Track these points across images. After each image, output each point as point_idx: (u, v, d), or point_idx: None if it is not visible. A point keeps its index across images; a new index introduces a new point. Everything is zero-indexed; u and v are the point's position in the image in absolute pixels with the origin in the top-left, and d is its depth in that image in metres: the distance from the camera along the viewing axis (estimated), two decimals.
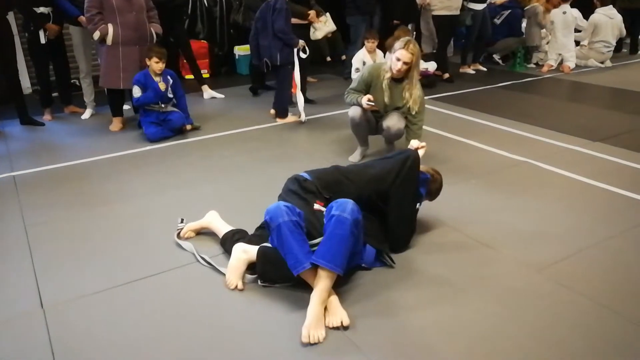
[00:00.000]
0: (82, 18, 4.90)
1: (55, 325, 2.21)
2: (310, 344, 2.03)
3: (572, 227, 2.96)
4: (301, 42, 5.02)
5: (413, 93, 3.72)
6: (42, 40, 4.99)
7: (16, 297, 2.42)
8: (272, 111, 5.31)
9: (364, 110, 3.79)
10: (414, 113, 3.75)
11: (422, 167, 2.80)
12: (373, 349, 2.03)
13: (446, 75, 6.76)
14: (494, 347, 2.03)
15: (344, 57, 7.41)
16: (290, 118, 5.20)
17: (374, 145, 4.06)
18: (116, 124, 5.06)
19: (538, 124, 4.82)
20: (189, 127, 4.85)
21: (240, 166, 4.00)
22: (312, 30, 5.84)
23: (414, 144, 2.90)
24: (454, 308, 2.27)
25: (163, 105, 4.68)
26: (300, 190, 2.62)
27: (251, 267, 2.46)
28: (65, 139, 4.79)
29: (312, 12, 5.52)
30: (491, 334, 2.10)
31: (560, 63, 7.46)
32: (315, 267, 2.18)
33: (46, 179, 3.86)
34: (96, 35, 4.63)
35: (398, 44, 3.59)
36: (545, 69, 7.38)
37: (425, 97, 3.98)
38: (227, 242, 2.68)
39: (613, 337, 2.09)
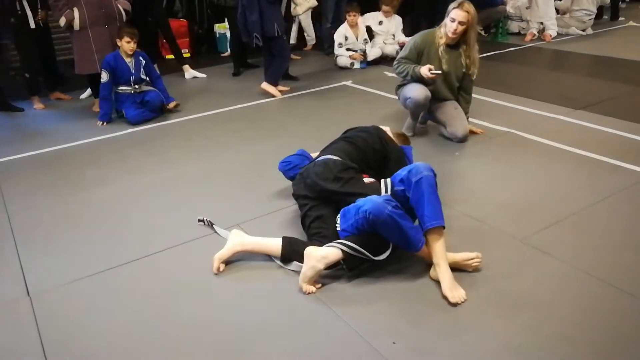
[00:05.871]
0: None
1: (42, 313, 2.20)
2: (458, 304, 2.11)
3: (555, 195, 2.99)
4: None
5: (472, 55, 3.57)
6: (32, 25, 4.85)
7: (1, 285, 2.41)
8: (264, 84, 5.15)
9: (426, 85, 3.56)
10: (474, 78, 3.70)
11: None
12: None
13: None
14: (480, 313, 2.07)
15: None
16: (278, 89, 5.17)
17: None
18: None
19: (520, 93, 4.82)
20: (172, 104, 4.77)
21: (225, 145, 3.97)
22: (293, 5, 5.77)
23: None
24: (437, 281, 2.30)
25: (137, 87, 4.59)
26: (345, 172, 2.49)
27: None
28: (45, 124, 4.71)
29: None
30: (474, 303, 2.13)
31: (542, 31, 7.45)
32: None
33: (28, 165, 3.81)
34: (62, 21, 4.52)
35: (451, 5, 3.41)
36: (528, 37, 7.36)
37: None
38: (294, 254, 2.40)
39: (596, 302, 2.13)
